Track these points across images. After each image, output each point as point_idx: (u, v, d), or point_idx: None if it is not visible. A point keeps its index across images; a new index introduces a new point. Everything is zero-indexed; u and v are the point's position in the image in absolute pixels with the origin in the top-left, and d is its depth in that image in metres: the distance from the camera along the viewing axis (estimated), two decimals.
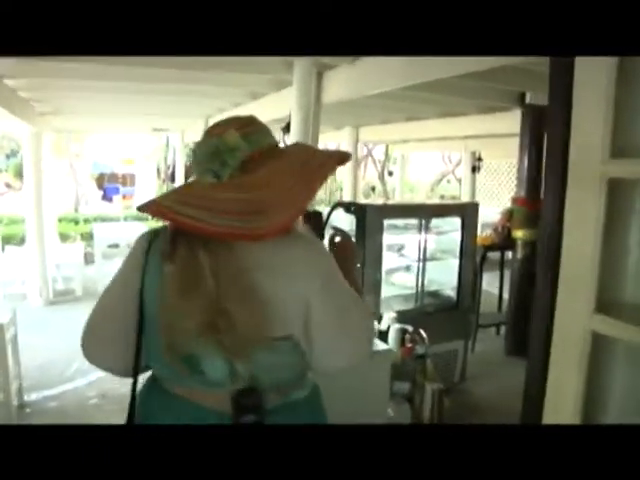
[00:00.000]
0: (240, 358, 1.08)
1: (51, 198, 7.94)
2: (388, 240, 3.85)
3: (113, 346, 1.20)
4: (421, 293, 3.96)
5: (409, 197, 16.24)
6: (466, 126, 6.35)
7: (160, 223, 1.17)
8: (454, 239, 4.11)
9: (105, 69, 4.14)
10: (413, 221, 3.96)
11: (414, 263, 4.02)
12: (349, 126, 8.44)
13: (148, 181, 15.82)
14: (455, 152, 14.34)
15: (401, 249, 4.21)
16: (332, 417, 1.32)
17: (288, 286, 1.10)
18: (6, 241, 8.58)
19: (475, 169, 9.30)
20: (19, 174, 13.31)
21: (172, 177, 13.22)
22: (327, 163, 1.21)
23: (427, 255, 3.97)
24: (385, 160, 17.32)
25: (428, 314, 3.91)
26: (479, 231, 4.65)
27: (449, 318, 4.02)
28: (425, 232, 3.90)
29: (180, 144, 10.43)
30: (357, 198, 9.67)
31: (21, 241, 8.22)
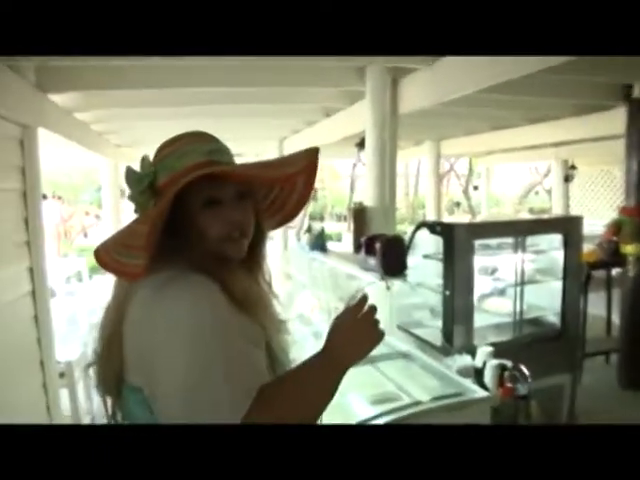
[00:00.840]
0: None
1: None
2: (479, 262, 3.43)
3: None
4: (519, 321, 3.50)
5: (495, 212, 15.49)
6: (558, 131, 5.82)
7: None
8: (555, 258, 3.63)
9: (172, 94, 4.07)
10: (507, 240, 3.53)
11: (510, 287, 3.57)
12: (430, 140, 8.05)
13: None
14: (544, 161, 13.50)
15: (494, 272, 3.77)
16: None
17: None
18: (94, 271, 8.83)
19: (568, 178, 8.63)
20: None
21: None
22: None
23: (524, 277, 3.52)
24: (469, 174, 16.72)
25: (528, 345, 3.43)
26: None
27: (553, 349, 3.52)
28: (522, 251, 3.45)
29: None
30: (441, 215, 9.20)
31: None
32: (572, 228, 3.52)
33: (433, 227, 3.32)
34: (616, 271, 4.74)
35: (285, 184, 1.15)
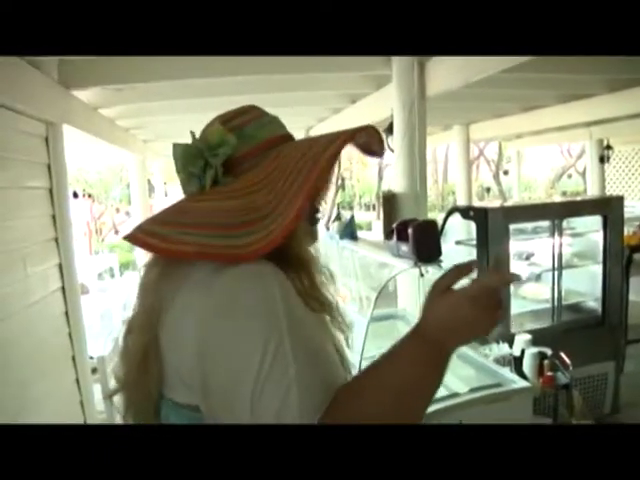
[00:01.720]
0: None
1: None
2: (515, 247, 3.31)
3: None
4: (558, 307, 3.37)
5: (527, 196, 15.17)
6: (592, 110, 5.56)
7: None
8: (594, 241, 3.49)
9: (196, 85, 4.03)
10: (543, 223, 3.40)
11: (547, 272, 3.44)
12: (458, 124, 7.87)
13: None
14: (577, 142, 13.14)
15: (530, 256, 3.64)
16: None
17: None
18: (125, 267, 8.94)
19: (604, 159, 8.35)
20: None
21: None
22: (329, 147, 0.85)
23: (562, 262, 3.39)
24: (499, 158, 16.42)
25: (568, 332, 3.31)
26: None
27: (594, 335, 3.39)
28: (559, 235, 3.32)
29: None
30: (471, 201, 9.02)
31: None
32: (612, 209, 3.38)
33: (466, 212, 3.21)
34: None
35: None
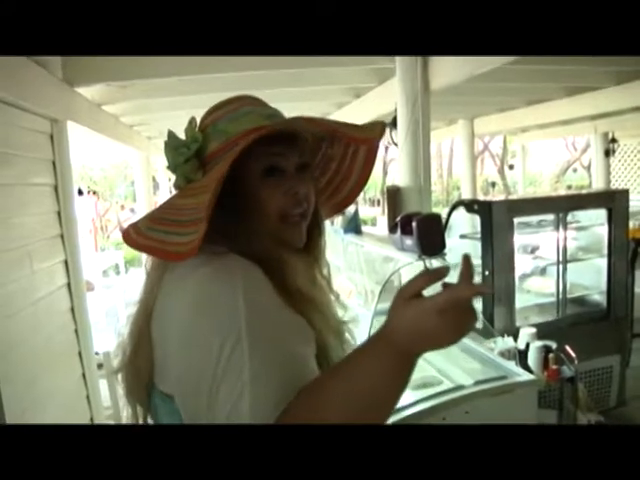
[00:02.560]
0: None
1: None
2: (519, 240, 3.31)
3: None
4: (563, 301, 3.37)
5: (532, 191, 15.13)
6: (597, 102, 5.52)
7: None
8: (599, 234, 3.48)
9: (200, 81, 4.04)
10: (547, 217, 3.39)
11: (552, 266, 3.43)
12: (463, 119, 7.85)
13: None
14: (582, 136, 13.08)
15: (535, 250, 3.63)
16: None
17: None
18: (130, 264, 8.98)
19: (609, 152, 8.32)
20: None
21: None
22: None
23: (567, 255, 3.38)
24: (503, 153, 16.37)
25: (573, 326, 3.31)
26: None
27: (599, 329, 3.39)
28: (563, 229, 3.32)
29: None
30: (476, 196, 8.99)
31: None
32: (617, 202, 3.37)
33: (470, 206, 3.21)
34: None
35: (345, 157, 1.02)
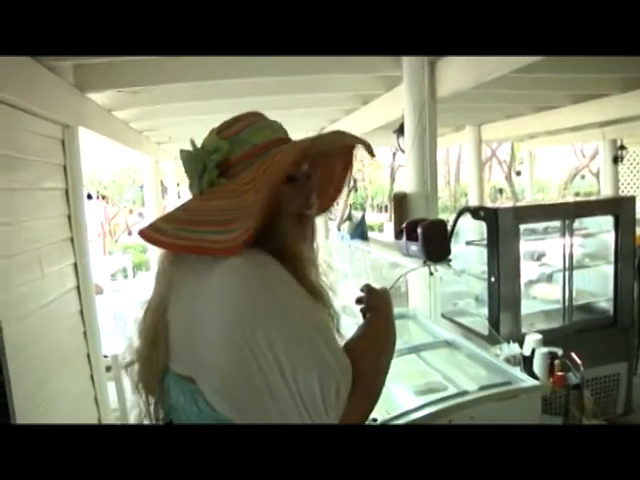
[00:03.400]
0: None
1: None
2: (525, 247, 3.32)
3: None
4: (569, 307, 3.37)
5: (540, 198, 15.08)
6: (605, 109, 5.52)
7: None
8: (605, 241, 3.48)
9: (208, 87, 4.08)
10: (554, 224, 3.40)
11: (558, 272, 3.43)
12: (470, 125, 7.86)
13: None
14: (590, 143, 13.05)
15: (541, 257, 3.64)
16: None
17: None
18: (138, 268, 9.03)
19: (617, 159, 8.29)
20: None
21: None
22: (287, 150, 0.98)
23: (573, 262, 3.38)
24: (511, 160, 16.34)
25: (580, 333, 3.30)
26: None
27: (606, 336, 3.38)
28: (570, 235, 3.32)
29: None
30: (483, 202, 8.99)
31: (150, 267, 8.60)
32: (624, 209, 3.37)
33: (476, 212, 3.22)
34: None
35: (326, 168, 1.16)
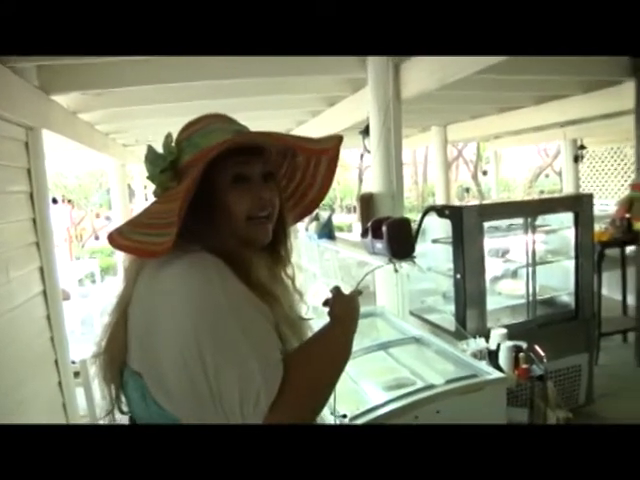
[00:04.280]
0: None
1: None
2: (490, 244, 3.40)
3: None
4: (533, 302, 3.46)
5: (506, 196, 15.36)
6: (565, 110, 5.70)
7: None
8: (566, 237, 3.59)
9: (175, 89, 4.06)
10: (517, 221, 3.49)
11: (522, 268, 3.53)
12: (436, 126, 7.97)
13: None
14: (553, 142, 13.36)
15: (506, 253, 3.73)
16: None
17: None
18: (105, 272, 8.91)
19: (578, 158, 8.53)
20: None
21: None
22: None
23: (536, 258, 3.48)
24: (477, 159, 16.60)
25: (543, 326, 3.40)
26: None
27: (568, 329, 3.48)
28: (532, 232, 3.42)
29: None
30: (450, 201, 9.13)
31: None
32: (582, 206, 3.48)
33: (441, 211, 3.29)
34: (630, 249, 4.68)
35: (308, 167, 1.16)
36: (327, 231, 3.14)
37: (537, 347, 2.91)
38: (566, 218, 3.53)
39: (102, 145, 5.56)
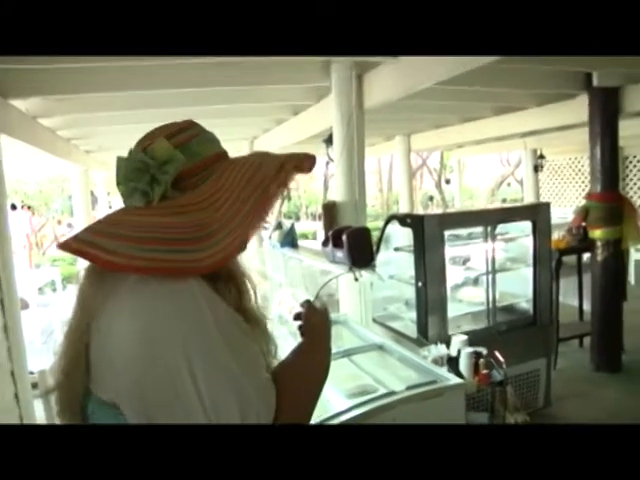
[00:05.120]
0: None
1: None
2: (451, 252, 3.46)
3: None
4: (493, 309, 3.53)
5: (469, 204, 15.64)
6: (525, 121, 5.88)
7: None
8: (525, 245, 3.68)
9: (139, 96, 4.02)
10: (477, 229, 3.56)
11: (482, 276, 3.60)
12: (400, 135, 8.08)
13: None
14: (514, 152, 13.68)
15: (466, 261, 3.80)
16: None
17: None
18: (67, 281, 8.70)
19: (537, 168, 8.75)
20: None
21: None
22: (279, 173, 0.98)
23: (496, 266, 3.56)
24: (441, 168, 16.85)
25: (503, 332, 3.47)
26: None
27: (527, 335, 3.56)
28: (492, 240, 3.49)
29: None
30: (415, 210, 9.25)
31: None
32: (540, 215, 3.57)
33: (403, 220, 3.33)
34: (587, 256, 4.82)
35: None
36: (290, 239, 3.15)
37: (497, 353, 2.97)
38: (525, 226, 3.62)
39: (64, 151, 5.47)
